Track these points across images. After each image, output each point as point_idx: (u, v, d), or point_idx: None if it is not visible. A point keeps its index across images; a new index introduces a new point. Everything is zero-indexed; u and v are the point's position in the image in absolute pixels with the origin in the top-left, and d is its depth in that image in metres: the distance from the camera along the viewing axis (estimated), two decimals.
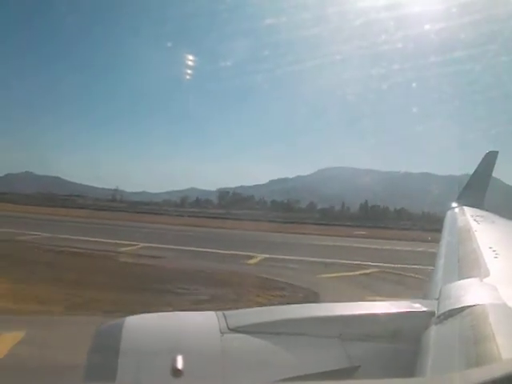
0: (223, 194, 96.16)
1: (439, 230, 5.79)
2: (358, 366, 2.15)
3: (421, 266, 14.99)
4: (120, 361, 1.96)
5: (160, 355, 2.00)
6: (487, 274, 2.83)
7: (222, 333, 2.16)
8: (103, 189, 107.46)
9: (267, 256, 20.28)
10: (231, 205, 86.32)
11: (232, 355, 2.09)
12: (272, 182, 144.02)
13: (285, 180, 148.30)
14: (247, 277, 15.36)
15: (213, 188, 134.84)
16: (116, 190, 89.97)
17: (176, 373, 1.89)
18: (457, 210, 7.49)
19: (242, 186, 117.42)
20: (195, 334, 2.17)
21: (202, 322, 2.29)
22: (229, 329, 2.18)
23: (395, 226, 54.05)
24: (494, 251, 3.59)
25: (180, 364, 1.90)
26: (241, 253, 21.14)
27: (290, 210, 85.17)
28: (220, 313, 2.31)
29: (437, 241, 4.97)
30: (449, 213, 7.42)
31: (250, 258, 19.91)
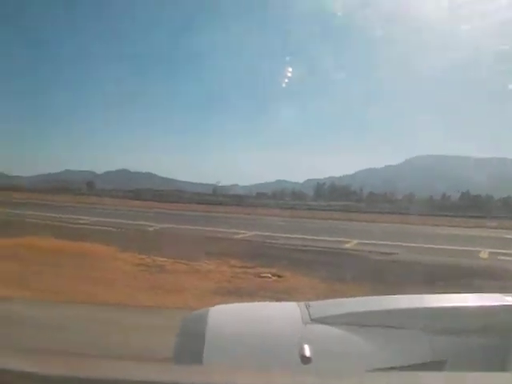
0: (320, 185, 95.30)
1: None
2: (445, 361, 2.09)
3: None
4: (205, 349, 2.01)
5: (243, 344, 2.06)
6: None
7: (304, 323, 2.15)
8: (194, 183, 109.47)
9: (490, 251, 19.74)
10: (331, 197, 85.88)
11: (314, 346, 2.05)
12: (360, 173, 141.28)
13: (373, 170, 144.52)
14: None
15: (300, 180, 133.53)
16: (216, 185, 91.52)
17: (258, 361, 1.95)
18: None
19: (330, 177, 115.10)
20: (278, 324, 2.19)
21: (284, 313, 2.30)
22: (311, 319, 2.18)
23: None
24: None
25: (262, 352, 1.98)
26: (455, 248, 20.70)
27: (390, 201, 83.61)
28: (302, 303, 2.32)
29: None
30: None
31: (475, 252, 19.47)
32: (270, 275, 12.80)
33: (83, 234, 19.71)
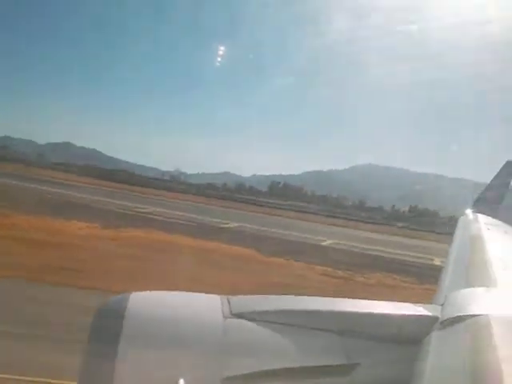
0: (274, 184, 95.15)
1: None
2: (357, 364, 2.17)
3: None
4: (122, 338, 2.02)
5: (161, 335, 2.08)
6: (495, 285, 2.91)
7: (224, 317, 2.19)
8: (140, 165, 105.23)
9: None
10: (284, 196, 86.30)
11: (232, 340, 2.11)
12: (306, 174, 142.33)
13: (319, 173, 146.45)
14: None
15: (246, 174, 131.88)
16: (175, 171, 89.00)
17: (176, 355, 2.02)
18: (470, 216, 7.31)
19: (278, 175, 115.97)
20: (198, 317, 2.20)
21: (206, 305, 2.31)
22: (232, 314, 2.21)
23: None
24: (504, 262, 3.66)
25: (180, 346, 2.03)
26: None
27: (339, 207, 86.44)
28: (224, 297, 2.37)
29: None
30: (461, 219, 7.26)
31: None
32: None
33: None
